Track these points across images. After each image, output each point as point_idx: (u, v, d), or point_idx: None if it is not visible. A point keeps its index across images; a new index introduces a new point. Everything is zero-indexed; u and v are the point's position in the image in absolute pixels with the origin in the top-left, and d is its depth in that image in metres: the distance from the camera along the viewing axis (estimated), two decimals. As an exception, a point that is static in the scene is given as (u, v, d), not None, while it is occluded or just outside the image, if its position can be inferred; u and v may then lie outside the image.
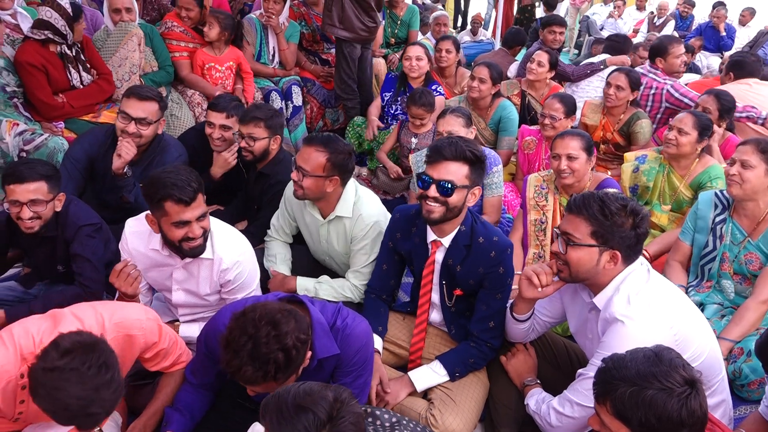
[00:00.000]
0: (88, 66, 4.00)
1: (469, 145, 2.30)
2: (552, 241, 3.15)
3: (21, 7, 4.42)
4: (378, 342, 2.50)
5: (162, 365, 2.19)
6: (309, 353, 1.86)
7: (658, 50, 4.80)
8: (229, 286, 2.47)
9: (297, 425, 1.31)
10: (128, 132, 3.04)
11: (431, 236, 2.44)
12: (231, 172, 3.51)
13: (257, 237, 3.16)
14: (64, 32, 3.75)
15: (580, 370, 2.06)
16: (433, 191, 2.28)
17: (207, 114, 3.50)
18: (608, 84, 4.22)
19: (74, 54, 3.90)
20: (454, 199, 2.27)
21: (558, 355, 2.52)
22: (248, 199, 3.48)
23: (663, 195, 3.49)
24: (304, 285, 2.85)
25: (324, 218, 2.85)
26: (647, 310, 1.94)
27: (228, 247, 2.43)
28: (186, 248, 2.29)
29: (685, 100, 4.46)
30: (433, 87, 4.58)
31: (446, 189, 2.26)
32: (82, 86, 3.95)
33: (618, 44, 6.05)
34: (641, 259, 2.07)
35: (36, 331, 1.83)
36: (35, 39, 3.74)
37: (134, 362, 2.15)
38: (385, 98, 4.83)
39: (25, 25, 4.08)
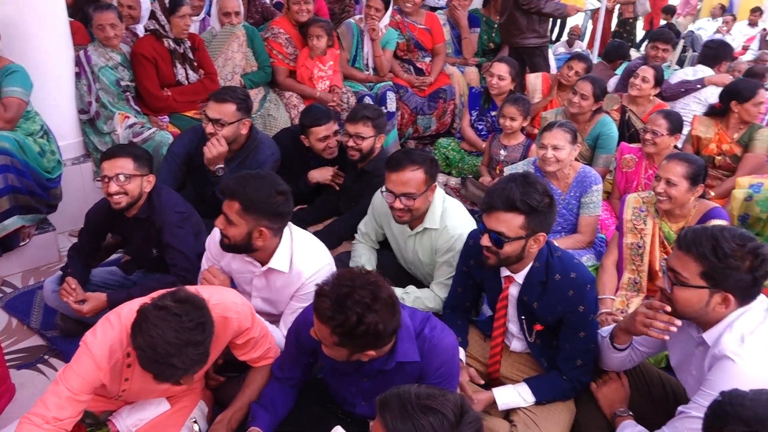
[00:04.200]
0: (196, 65, 4.19)
1: (527, 193, 2.12)
2: (650, 268, 2.99)
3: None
4: (461, 353, 2.45)
5: (251, 356, 2.23)
6: (374, 353, 1.84)
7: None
8: (304, 299, 2.44)
9: (423, 423, 1.30)
10: (208, 131, 3.15)
11: (504, 271, 2.35)
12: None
13: (350, 225, 3.25)
14: (162, 22, 3.97)
15: (680, 408, 1.92)
16: (485, 240, 2.19)
17: (311, 131, 3.52)
18: None
19: (182, 51, 4.09)
20: (507, 250, 2.17)
21: (653, 387, 2.37)
22: (347, 195, 3.53)
23: (778, 230, 3.20)
24: None
25: (412, 230, 2.83)
26: (762, 350, 1.79)
27: (307, 261, 2.42)
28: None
29: None
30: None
31: (497, 240, 2.17)
32: (187, 83, 4.14)
33: (713, 51, 5.37)
34: (761, 296, 1.92)
35: None
36: (150, 31, 4.00)
37: (224, 350, 2.21)
38: (473, 116, 4.77)
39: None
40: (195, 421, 2.16)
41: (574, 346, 2.29)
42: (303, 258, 2.41)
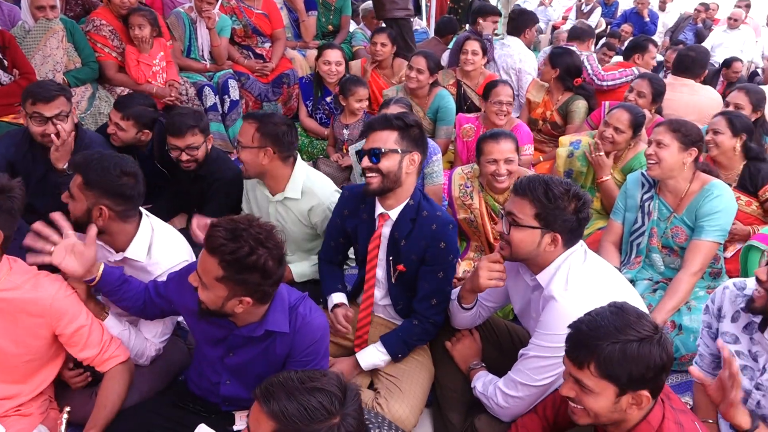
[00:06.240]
0: (7, 64, 3.81)
1: (401, 115, 2.40)
2: (487, 239, 3.22)
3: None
4: (342, 297, 2.58)
5: (88, 353, 2.09)
6: (250, 301, 1.84)
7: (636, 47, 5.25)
8: None
9: (313, 404, 1.32)
10: (50, 133, 2.90)
11: (379, 209, 2.46)
12: (152, 172, 3.40)
13: None
14: None
15: (521, 350, 2.11)
16: (365, 161, 2.35)
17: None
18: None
19: (-11, 51, 3.72)
20: (386, 164, 2.32)
21: (501, 337, 2.56)
22: (186, 198, 3.41)
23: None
24: None
25: (273, 196, 2.86)
26: (582, 288, 2.00)
27: (166, 252, 2.36)
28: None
29: (592, 76, 4.81)
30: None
31: (375, 155, 2.32)
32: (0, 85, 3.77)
33: (515, 21, 5.72)
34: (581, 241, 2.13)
35: None
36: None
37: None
38: (308, 106, 4.81)
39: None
40: None
41: (432, 286, 2.42)
42: (162, 249, 2.36)
